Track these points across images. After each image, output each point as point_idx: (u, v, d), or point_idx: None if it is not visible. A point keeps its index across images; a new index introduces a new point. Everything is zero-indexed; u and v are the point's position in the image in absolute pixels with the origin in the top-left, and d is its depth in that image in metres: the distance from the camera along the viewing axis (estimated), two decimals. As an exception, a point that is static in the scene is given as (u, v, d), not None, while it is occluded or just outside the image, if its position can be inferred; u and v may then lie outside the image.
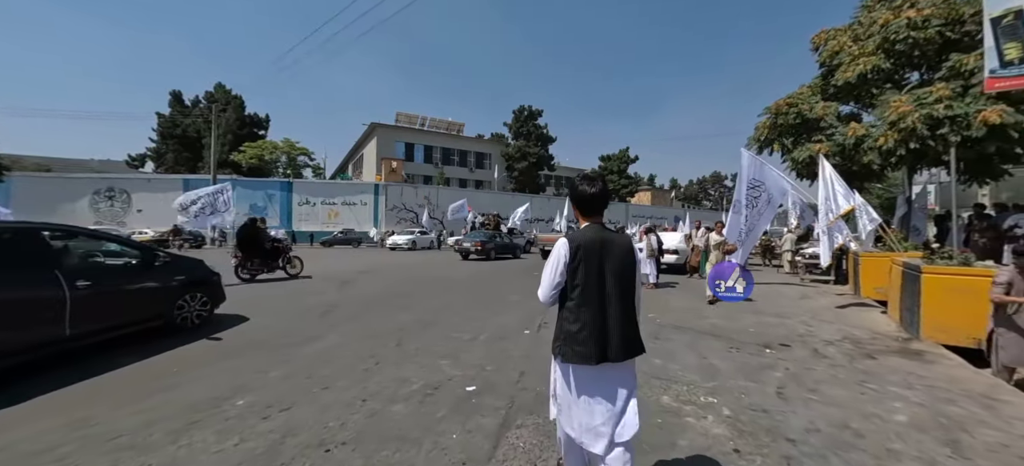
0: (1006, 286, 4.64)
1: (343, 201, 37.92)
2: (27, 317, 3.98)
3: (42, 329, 4.06)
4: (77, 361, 4.34)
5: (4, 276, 3.87)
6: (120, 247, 5.70)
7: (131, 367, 4.30)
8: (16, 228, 4.35)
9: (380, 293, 9.18)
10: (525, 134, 52.24)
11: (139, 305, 5.21)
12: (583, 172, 2.49)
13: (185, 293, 5.71)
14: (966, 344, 5.44)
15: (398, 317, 6.77)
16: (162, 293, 5.45)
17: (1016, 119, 8.09)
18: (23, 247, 4.18)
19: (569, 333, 1.96)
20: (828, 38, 12.18)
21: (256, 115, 49.11)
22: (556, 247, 2.00)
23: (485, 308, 7.63)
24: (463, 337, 5.51)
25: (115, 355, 4.55)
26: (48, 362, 4.18)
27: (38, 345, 4.04)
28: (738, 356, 4.80)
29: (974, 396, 3.76)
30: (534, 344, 5.19)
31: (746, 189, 9.08)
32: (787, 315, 7.29)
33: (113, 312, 4.81)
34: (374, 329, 5.93)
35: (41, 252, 4.33)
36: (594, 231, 2.01)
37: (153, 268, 5.47)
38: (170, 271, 5.66)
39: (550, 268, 1.99)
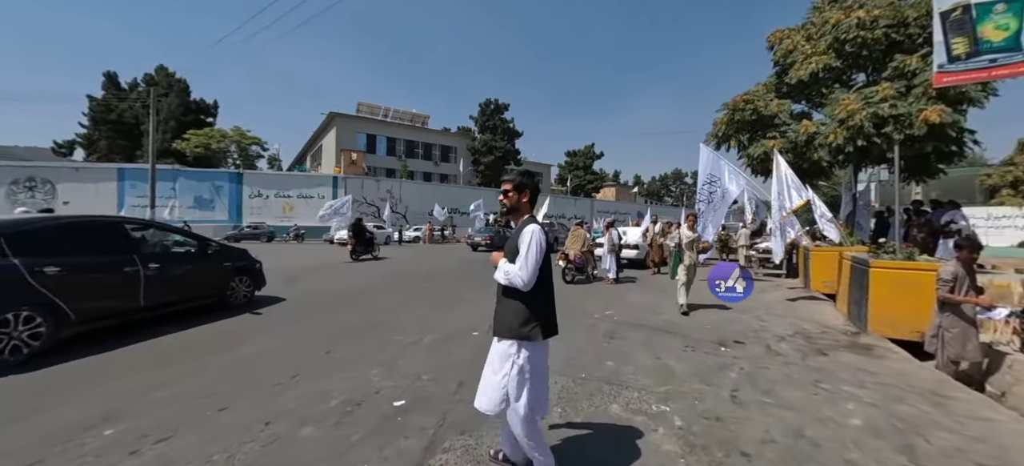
0: (951, 281, 4.65)
1: (299, 194, 36.06)
2: (113, 290, 5.06)
3: (123, 300, 5.14)
4: (145, 327, 5.36)
5: (98, 258, 4.98)
6: (182, 238, 6.70)
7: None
8: (106, 221, 5.62)
9: (327, 291, 8.50)
10: (492, 128, 51.61)
11: (198, 285, 6.28)
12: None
13: (235, 277, 6.86)
14: (910, 337, 5.51)
15: (340, 318, 6.20)
16: (217, 276, 6.60)
17: (954, 118, 8.42)
18: (111, 235, 5.33)
19: (545, 314, 2.18)
20: (783, 37, 12.41)
21: (203, 101, 45.85)
22: (536, 234, 2.10)
23: (436, 306, 7.17)
24: (405, 340, 5.04)
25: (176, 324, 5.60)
26: (121, 328, 5.17)
27: (120, 312, 5.13)
28: (693, 356, 4.60)
29: (924, 393, 3.69)
30: (481, 347, 4.78)
31: (703, 184, 9.08)
32: (742, 309, 7.26)
33: (177, 290, 5.88)
34: (309, 332, 5.35)
35: (124, 240, 5.43)
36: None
37: (208, 255, 6.59)
38: (222, 259, 6.80)
39: (536, 254, 2.07)
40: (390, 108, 49.80)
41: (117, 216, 5.42)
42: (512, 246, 2.15)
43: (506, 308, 2.14)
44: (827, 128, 9.94)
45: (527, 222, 2.18)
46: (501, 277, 2.12)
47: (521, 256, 2.06)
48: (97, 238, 5.15)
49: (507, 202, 2.27)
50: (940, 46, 4.84)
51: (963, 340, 4.56)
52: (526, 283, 2.04)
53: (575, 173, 60.92)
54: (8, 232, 4.38)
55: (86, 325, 4.71)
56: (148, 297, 5.31)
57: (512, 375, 2.09)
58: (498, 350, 2.16)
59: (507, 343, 2.12)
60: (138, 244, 5.70)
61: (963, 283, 4.65)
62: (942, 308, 4.83)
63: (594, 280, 10.43)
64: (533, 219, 2.24)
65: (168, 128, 40.99)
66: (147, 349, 4.66)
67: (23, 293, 4.23)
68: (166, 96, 41.62)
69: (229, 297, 6.67)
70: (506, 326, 2.13)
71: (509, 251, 2.17)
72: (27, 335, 4.20)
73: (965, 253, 4.65)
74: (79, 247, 4.88)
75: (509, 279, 2.07)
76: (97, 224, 5.38)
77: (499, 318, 2.18)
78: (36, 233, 4.65)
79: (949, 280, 4.64)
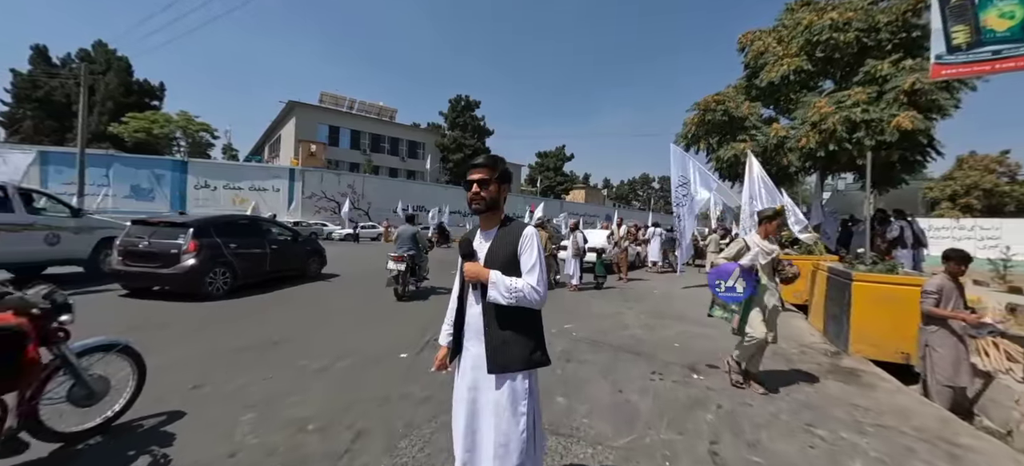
0: (937, 295, 4.17)
1: (251, 186, 33.69)
2: (257, 260, 7.97)
3: (261, 266, 8.05)
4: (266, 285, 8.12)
5: (250, 240, 7.97)
6: (281, 229, 9.45)
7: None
8: (252, 218, 9.84)
9: (244, 297, 7.29)
10: (462, 125, 50.36)
11: (292, 261, 9.05)
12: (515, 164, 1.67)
13: (311, 256, 9.73)
14: (893, 359, 5.00)
15: (244, 333, 5.09)
16: (302, 255, 9.44)
17: (926, 125, 8.17)
18: (254, 226, 8.66)
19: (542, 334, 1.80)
20: (754, 38, 12.09)
21: (147, 83, 42.28)
22: (536, 237, 1.73)
23: (369, 317, 6.16)
24: (311, 366, 4.02)
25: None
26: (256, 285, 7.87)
27: (259, 274, 8.00)
28: (661, 387, 3.83)
29: (932, 440, 3.06)
30: (407, 375, 3.85)
31: (678, 186, 8.49)
32: (711, 324, 6.56)
33: (283, 263, 8.67)
34: (191, 354, 4.24)
35: (260, 229, 8.62)
36: None
37: (297, 242, 9.46)
38: (304, 243, 9.71)
39: (542, 260, 1.69)
40: (355, 99, 47.72)
41: (257, 215, 9.50)
42: (504, 254, 1.70)
43: (509, 334, 1.67)
44: (799, 131, 9.58)
45: (514, 223, 1.77)
46: (501, 296, 1.62)
47: (530, 265, 1.66)
48: (248, 228, 8.39)
49: (485, 195, 1.72)
50: (938, 34, 4.30)
51: (954, 362, 4.05)
52: (543, 299, 1.65)
53: (545, 174, 60.53)
54: (215, 223, 7.55)
55: (245, 280, 7.56)
56: (271, 266, 8.30)
57: (530, 419, 1.69)
58: (507, 392, 1.66)
59: (518, 378, 1.67)
60: (266, 232, 8.71)
61: (950, 297, 4.18)
62: (928, 325, 4.33)
63: (556, 286, 9.65)
64: (513, 218, 1.82)
65: (105, 110, 37.55)
66: (272, 297, 7.41)
67: (222, 257, 7.14)
68: (104, 74, 38.11)
69: (306, 270, 9.50)
70: (515, 356, 1.66)
71: (499, 260, 1.69)
72: (223, 281, 7.12)
73: (952, 265, 4.17)
74: (241, 233, 7.91)
75: (518, 297, 1.61)
76: (247, 219, 9.27)
77: (501, 349, 1.67)
78: (224, 223, 7.79)
79: (933, 293, 4.17)
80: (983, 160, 37.22)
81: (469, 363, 1.74)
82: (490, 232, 1.77)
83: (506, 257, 1.68)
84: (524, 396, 1.66)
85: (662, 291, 9.83)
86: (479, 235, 1.81)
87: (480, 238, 1.80)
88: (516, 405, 1.65)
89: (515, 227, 1.74)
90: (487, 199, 1.71)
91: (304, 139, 39.74)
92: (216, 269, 6.99)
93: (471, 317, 1.75)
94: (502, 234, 1.73)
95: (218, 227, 7.44)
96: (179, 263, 6.65)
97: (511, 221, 1.78)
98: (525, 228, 1.72)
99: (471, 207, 1.73)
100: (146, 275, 6.80)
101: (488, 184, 1.71)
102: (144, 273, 6.80)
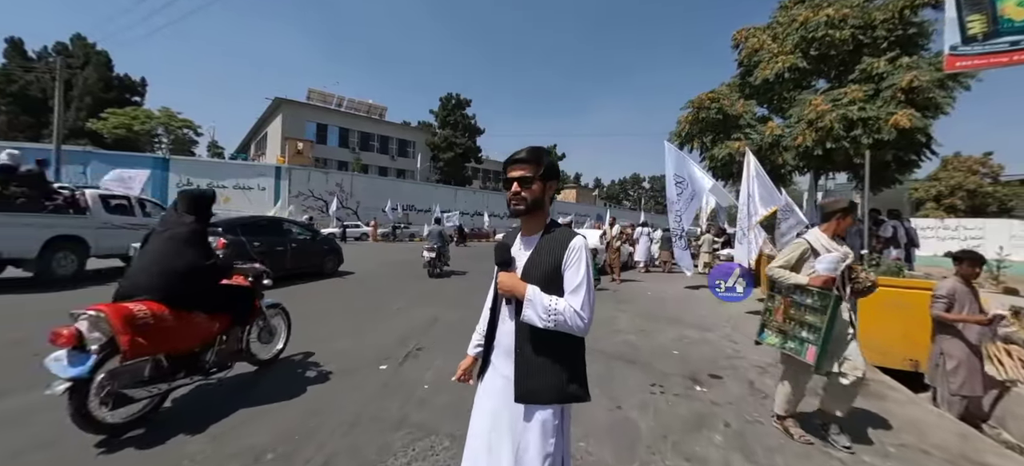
0: (947, 298, 3.95)
1: (236, 184, 32.92)
2: (279, 256, 8.59)
3: (282, 262, 8.54)
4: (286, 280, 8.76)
5: (272, 238, 8.86)
6: (301, 229, 10.43)
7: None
8: (273, 219, 10.60)
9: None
10: (452, 124, 49.85)
11: (310, 258, 9.79)
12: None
13: (328, 255, 10.40)
14: (901, 366, 4.79)
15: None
16: (320, 253, 10.18)
17: (924, 124, 8.02)
18: (276, 226, 9.67)
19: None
20: (748, 35, 11.91)
21: (128, 77, 41.15)
22: (587, 250, 1.45)
23: (349, 321, 5.78)
24: (281, 377, 3.65)
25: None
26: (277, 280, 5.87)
27: (279, 270, 7.52)
28: (663, 402, 3.53)
29: (956, 460, 2.81)
30: (384, 390, 3.51)
31: (673, 185, 8.22)
32: (708, 326, 6.38)
33: (302, 260, 9.39)
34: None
35: (281, 229, 9.61)
36: None
37: (315, 241, 10.34)
38: (322, 243, 10.49)
39: (590, 279, 1.42)
40: (344, 97, 46.99)
41: (277, 216, 10.23)
42: (546, 266, 1.45)
43: (543, 359, 1.44)
44: (795, 129, 9.39)
45: (560, 229, 1.52)
46: (537, 317, 1.38)
47: (575, 283, 1.41)
48: (270, 228, 9.26)
49: (527, 195, 1.47)
50: (953, 24, 4.06)
51: (969, 370, 3.83)
52: (587, 326, 1.39)
53: (537, 173, 60.34)
54: (241, 223, 8.55)
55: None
56: (290, 263, 8.83)
57: (557, 462, 1.45)
58: (533, 426, 1.42)
59: (549, 413, 1.43)
60: (287, 232, 9.58)
61: (963, 302, 3.96)
62: (941, 331, 4.10)
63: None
64: (558, 224, 1.58)
65: (83, 105, 36.45)
66: (293, 290, 7.78)
67: (246, 254, 6.92)
68: (82, 69, 36.98)
69: (322, 268, 10.05)
70: (547, 386, 1.43)
71: (538, 273, 1.45)
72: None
73: (965, 267, 3.95)
74: (263, 232, 8.76)
75: (557, 321, 1.36)
76: (269, 220, 10.06)
77: (532, 374, 1.44)
78: (248, 224, 8.74)
79: (944, 297, 3.94)
80: (967, 161, 37.79)
81: (495, 384, 1.52)
82: (532, 239, 1.53)
83: (547, 270, 1.44)
84: (552, 434, 1.42)
85: (654, 292, 9.58)
86: (519, 241, 1.57)
87: (520, 245, 1.56)
88: (542, 443, 1.40)
89: (561, 235, 1.48)
90: (529, 200, 1.46)
91: (291, 137, 38.98)
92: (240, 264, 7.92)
93: (502, 333, 1.53)
94: (545, 243, 1.48)
95: (243, 227, 8.51)
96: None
97: (557, 227, 1.53)
98: (574, 238, 1.45)
99: (511, 208, 1.47)
100: None
101: (531, 182, 1.46)
102: None
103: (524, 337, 1.44)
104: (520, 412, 1.42)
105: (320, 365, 4.05)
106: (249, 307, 3.61)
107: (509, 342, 1.48)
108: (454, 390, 3.48)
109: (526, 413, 1.41)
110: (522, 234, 1.57)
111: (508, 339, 1.49)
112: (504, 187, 1.51)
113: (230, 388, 3.44)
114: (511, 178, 1.47)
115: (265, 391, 3.43)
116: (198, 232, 3.09)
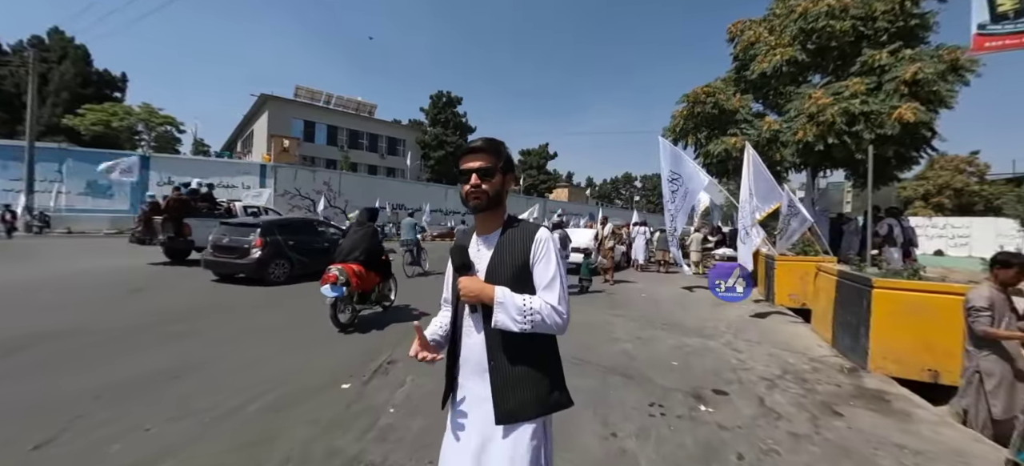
0: (989, 309, 3.45)
1: (220, 183, 31.91)
2: (311, 254, 9.30)
3: (314, 260, 8.96)
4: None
5: (305, 237, 9.70)
6: (335, 230, 11.13)
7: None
8: (308, 219, 12.31)
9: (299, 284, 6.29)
10: (443, 122, 49.20)
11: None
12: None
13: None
14: (918, 377, 4.39)
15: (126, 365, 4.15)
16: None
17: (929, 117, 7.69)
18: (310, 226, 10.56)
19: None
20: (744, 28, 11.54)
21: (107, 73, 39.96)
22: (553, 241, 1.37)
23: (304, 332, 5.25)
24: (216, 408, 3.13)
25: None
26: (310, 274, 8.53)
27: (312, 266, 8.78)
28: (664, 426, 3.08)
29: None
30: (342, 418, 3.01)
31: (667, 184, 7.82)
32: (708, 333, 5.96)
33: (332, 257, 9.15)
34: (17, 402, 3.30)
35: (315, 229, 10.57)
36: None
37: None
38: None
39: (563, 271, 1.35)
40: (333, 94, 46.13)
41: (313, 217, 13.12)
42: (512, 265, 1.31)
43: (522, 369, 1.29)
44: (795, 124, 9.03)
45: (522, 224, 1.40)
46: (511, 321, 1.23)
47: (548, 279, 1.29)
48: (304, 227, 10.17)
49: (487, 188, 1.33)
50: (981, 0, 3.65)
51: (1010, 390, 3.40)
52: (566, 323, 1.28)
53: (529, 172, 59.87)
54: (278, 223, 9.52)
55: (300, 269, 8.96)
56: (322, 260, 7.87)
57: None
58: (518, 446, 1.25)
59: (532, 427, 1.27)
60: (321, 231, 10.44)
61: (1003, 312, 3.47)
62: (978, 346, 3.66)
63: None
64: (517, 219, 1.43)
65: (60, 101, 35.30)
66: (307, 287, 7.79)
67: (282, 253, 8.77)
68: (59, 63, 35.77)
69: None
70: (530, 399, 1.28)
71: (505, 273, 1.31)
72: (282, 271, 8.71)
73: (1013, 273, 3.44)
74: (298, 232, 9.58)
75: (534, 322, 1.23)
76: (304, 220, 11.41)
77: (510, 391, 1.27)
78: (284, 224, 9.65)
79: (985, 308, 3.39)
80: (954, 160, 38.12)
81: (470, 405, 1.34)
82: (491, 236, 1.40)
83: (515, 269, 1.32)
84: (541, 444, 1.31)
85: (649, 294, 9.19)
86: (476, 241, 1.42)
87: (478, 245, 1.41)
88: (531, 461, 1.27)
89: (525, 229, 1.37)
90: (490, 193, 1.33)
91: (277, 134, 38.10)
92: (277, 261, 8.68)
93: (469, 349, 1.36)
94: (508, 239, 1.37)
95: (281, 227, 9.27)
96: (249, 255, 8.40)
97: (518, 222, 1.42)
98: (538, 230, 1.37)
99: (468, 204, 1.34)
100: (227, 264, 8.63)
101: (492, 174, 1.34)
102: (225, 263, 8.67)
103: (497, 347, 1.30)
104: (499, 432, 1.26)
105: (270, 388, 3.53)
106: (388, 272, 6.30)
107: (479, 357, 1.32)
108: (426, 413, 3.00)
109: (506, 433, 1.26)
110: (479, 233, 1.42)
111: (477, 353, 1.33)
112: (461, 180, 1.35)
113: (167, 437, 2.92)
114: (469, 169, 1.32)
115: (214, 415, 2.92)
116: (373, 230, 6.04)
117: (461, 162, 1.36)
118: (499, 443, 1.26)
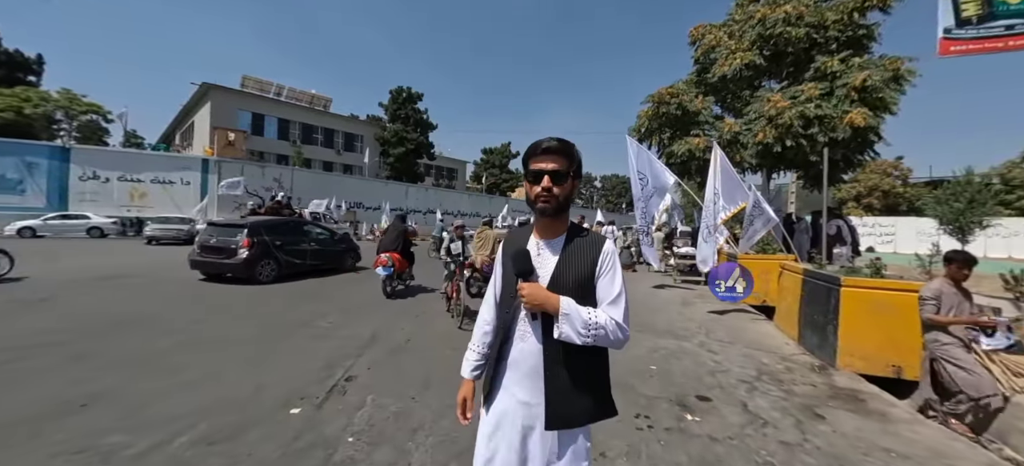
0: (934, 300, 3.72)
1: (155, 178, 29.36)
2: (298, 254, 9.59)
3: (302, 259, 9.63)
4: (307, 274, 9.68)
5: (293, 237, 9.79)
6: (322, 230, 11.43)
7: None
8: (297, 220, 12.19)
9: (96, 316, 5.45)
10: (403, 118, 47.76)
11: (329, 256, 10.71)
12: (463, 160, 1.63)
13: (346, 252, 11.37)
14: (884, 373, 4.49)
15: (61, 382, 3.47)
16: (338, 251, 11.11)
17: (877, 122, 8.09)
18: (297, 227, 10.59)
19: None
20: (705, 32, 11.81)
21: (19, 53, 35.68)
22: (617, 254, 1.35)
23: (265, 344, 4.69)
24: (129, 448, 2.60)
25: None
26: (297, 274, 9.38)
27: (299, 266, 9.56)
28: (654, 442, 2.86)
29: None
30: (287, 456, 2.57)
31: (636, 181, 7.77)
32: (680, 334, 5.91)
33: (321, 257, 10.34)
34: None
35: (303, 229, 10.53)
36: None
37: (335, 240, 11.29)
38: (340, 242, 11.49)
39: (626, 288, 1.32)
40: (284, 86, 43.67)
41: (302, 219, 13.11)
42: (577, 275, 1.29)
43: (579, 378, 1.29)
44: (755, 126, 9.28)
45: (589, 234, 1.38)
46: (575, 334, 1.21)
47: (614, 294, 1.27)
48: (292, 228, 10.33)
49: (560, 193, 1.29)
50: (947, 5, 3.73)
51: (975, 376, 3.56)
52: (627, 340, 1.26)
53: (491, 171, 59.52)
54: (265, 225, 9.38)
55: (288, 269, 9.24)
56: (311, 260, 9.95)
57: None
58: (571, 451, 1.30)
59: (580, 436, 1.32)
60: (308, 231, 10.59)
61: (952, 304, 3.74)
62: (929, 333, 3.86)
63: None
64: (584, 227, 1.44)
65: (-41, 83, 31.05)
66: (312, 283, 8.94)
67: (269, 253, 8.91)
68: (-42, 41, 31.51)
69: (342, 264, 10.89)
70: (582, 408, 1.29)
71: (569, 282, 1.28)
72: (269, 270, 8.85)
73: (954, 268, 3.78)
74: (286, 232, 9.77)
75: (597, 336, 1.21)
76: (292, 221, 11.53)
77: (564, 399, 1.27)
78: (271, 225, 9.60)
79: (931, 298, 3.76)
80: (882, 165, 41.58)
81: (515, 415, 1.31)
82: (554, 242, 1.35)
83: (580, 280, 1.29)
84: (584, 457, 1.33)
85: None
86: (538, 245, 1.36)
87: (541, 249, 1.36)
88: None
89: (592, 240, 1.35)
90: (560, 198, 1.29)
91: (221, 126, 35.46)
92: (264, 261, 8.75)
93: (521, 354, 1.32)
94: (575, 248, 1.32)
95: (268, 227, 9.25)
96: (237, 256, 8.47)
97: (583, 231, 1.38)
98: (605, 242, 1.35)
99: (536, 207, 1.30)
100: (215, 264, 8.69)
101: (564, 178, 1.29)
102: (213, 263, 8.72)
103: (556, 358, 1.28)
104: (549, 440, 1.29)
105: (205, 416, 3.01)
106: (413, 260, 7.98)
107: (534, 364, 1.30)
108: (392, 441, 2.62)
109: (560, 441, 1.30)
110: (540, 237, 1.37)
111: (532, 361, 1.31)
112: (530, 181, 1.30)
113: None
114: (541, 170, 1.27)
115: (122, 457, 2.38)
116: (405, 228, 8.04)
117: (531, 161, 1.30)
118: (546, 451, 1.28)
